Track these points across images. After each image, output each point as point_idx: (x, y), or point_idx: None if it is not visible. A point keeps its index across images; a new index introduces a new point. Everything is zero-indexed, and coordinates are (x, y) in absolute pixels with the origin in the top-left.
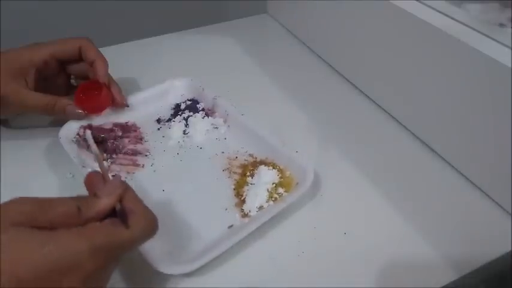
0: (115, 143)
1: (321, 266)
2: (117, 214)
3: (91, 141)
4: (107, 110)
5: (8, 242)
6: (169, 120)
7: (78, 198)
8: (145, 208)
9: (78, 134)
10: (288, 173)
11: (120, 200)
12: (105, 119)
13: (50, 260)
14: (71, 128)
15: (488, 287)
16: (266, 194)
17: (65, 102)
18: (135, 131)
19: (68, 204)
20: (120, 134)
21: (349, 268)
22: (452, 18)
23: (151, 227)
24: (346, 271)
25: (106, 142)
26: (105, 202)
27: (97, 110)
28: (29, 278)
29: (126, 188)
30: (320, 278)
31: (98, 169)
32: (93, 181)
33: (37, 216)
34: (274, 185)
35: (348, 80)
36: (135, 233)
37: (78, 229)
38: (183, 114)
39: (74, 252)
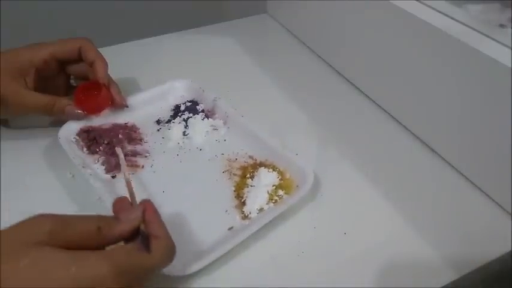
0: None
1: (321, 266)
2: (140, 236)
3: (122, 163)
4: (106, 111)
5: (31, 263)
6: (169, 121)
7: (100, 218)
8: (167, 234)
9: (77, 135)
10: (288, 176)
11: (144, 222)
12: (105, 120)
13: (75, 282)
14: (71, 128)
15: (487, 286)
16: (266, 196)
17: (64, 103)
18: (135, 131)
19: (88, 223)
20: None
21: (349, 268)
22: (452, 18)
23: (171, 253)
24: (346, 271)
25: (110, 142)
26: (125, 226)
27: (96, 110)
28: None
29: (150, 209)
30: (320, 278)
31: (97, 170)
32: (121, 206)
33: (57, 235)
34: (274, 187)
35: (348, 80)
36: (156, 258)
37: (102, 252)
38: (183, 116)
39: (98, 276)
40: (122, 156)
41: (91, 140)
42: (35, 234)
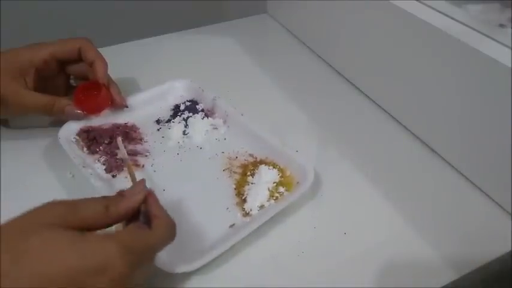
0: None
1: (321, 266)
2: (140, 217)
3: (121, 147)
4: (106, 111)
5: (41, 243)
6: (168, 121)
7: (106, 198)
8: (167, 214)
9: (77, 135)
10: (288, 173)
11: (145, 203)
12: (105, 120)
13: (83, 261)
14: (70, 128)
15: (487, 286)
16: (267, 193)
17: (64, 103)
18: (135, 131)
19: (97, 204)
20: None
21: (349, 268)
22: (452, 18)
23: (171, 231)
24: (346, 271)
25: (109, 142)
26: (131, 201)
27: (96, 110)
28: (61, 277)
29: (150, 193)
30: (320, 278)
31: (97, 170)
32: None
33: (68, 218)
34: (275, 184)
35: (348, 80)
36: (158, 235)
37: (107, 232)
38: (183, 115)
39: (105, 254)
40: (120, 141)
41: (91, 140)
42: (48, 217)
